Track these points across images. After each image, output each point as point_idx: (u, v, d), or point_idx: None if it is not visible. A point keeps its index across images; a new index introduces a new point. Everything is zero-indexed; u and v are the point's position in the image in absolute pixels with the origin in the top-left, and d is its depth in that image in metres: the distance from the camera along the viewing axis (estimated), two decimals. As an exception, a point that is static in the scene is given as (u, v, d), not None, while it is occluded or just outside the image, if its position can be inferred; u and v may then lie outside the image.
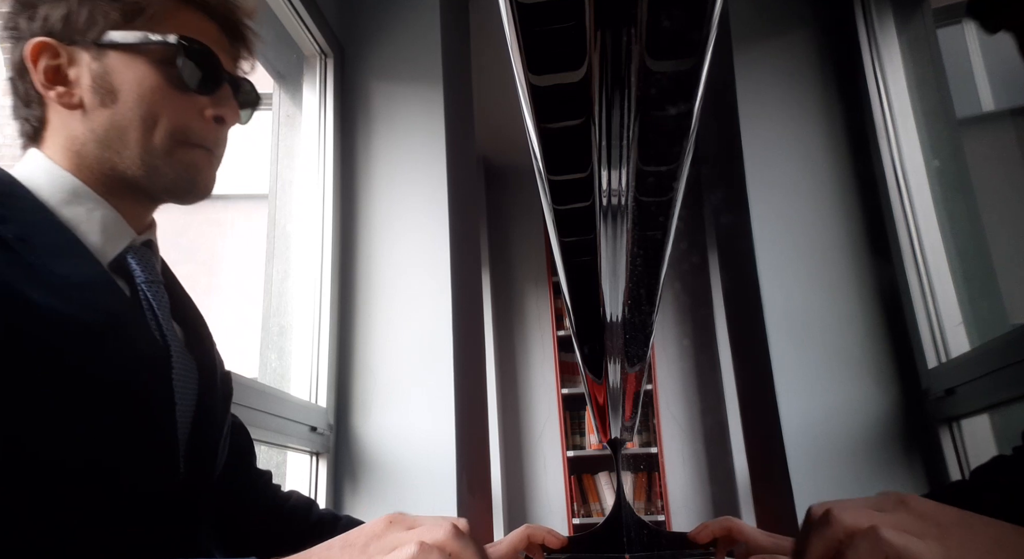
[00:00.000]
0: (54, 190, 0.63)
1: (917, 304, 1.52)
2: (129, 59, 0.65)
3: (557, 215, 0.49)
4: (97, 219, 0.64)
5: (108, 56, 0.65)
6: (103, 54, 0.65)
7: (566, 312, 1.62)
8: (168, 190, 0.68)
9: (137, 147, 0.65)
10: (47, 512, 0.51)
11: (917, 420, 1.50)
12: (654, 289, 0.61)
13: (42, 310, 0.52)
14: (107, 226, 0.64)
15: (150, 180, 0.66)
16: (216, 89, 0.69)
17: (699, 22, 0.33)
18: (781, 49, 1.78)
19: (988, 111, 1.96)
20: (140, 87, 0.65)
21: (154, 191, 0.68)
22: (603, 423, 0.99)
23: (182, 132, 0.67)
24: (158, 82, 0.66)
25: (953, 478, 1.41)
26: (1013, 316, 1.57)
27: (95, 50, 0.65)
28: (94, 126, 0.65)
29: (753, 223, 1.67)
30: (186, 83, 0.67)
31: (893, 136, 1.60)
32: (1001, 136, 1.84)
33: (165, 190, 0.68)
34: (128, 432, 0.57)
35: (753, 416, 1.98)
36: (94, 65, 0.65)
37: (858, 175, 1.68)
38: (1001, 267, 1.60)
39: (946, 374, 1.42)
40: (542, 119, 0.39)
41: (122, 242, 0.65)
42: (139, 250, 0.67)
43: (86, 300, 0.57)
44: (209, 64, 0.68)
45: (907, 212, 1.56)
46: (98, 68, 0.65)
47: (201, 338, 0.73)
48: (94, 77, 0.65)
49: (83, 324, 0.55)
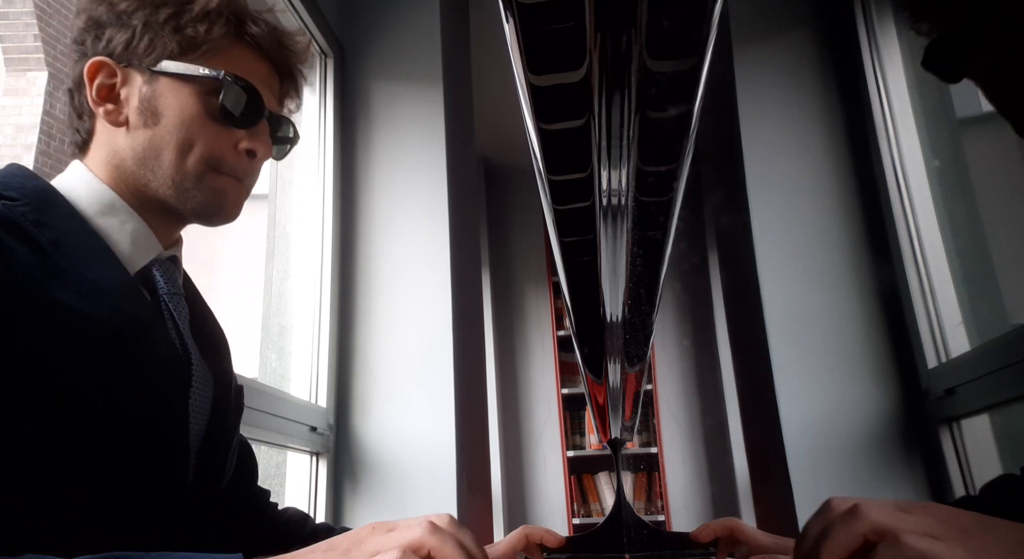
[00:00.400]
0: (92, 201, 0.67)
1: (917, 304, 1.52)
2: (177, 86, 0.70)
3: (557, 215, 0.49)
4: (128, 231, 0.68)
5: (159, 81, 0.70)
6: (155, 79, 0.70)
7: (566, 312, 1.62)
8: (195, 212, 0.72)
9: (170, 168, 0.69)
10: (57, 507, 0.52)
11: (917, 420, 1.50)
12: (654, 289, 0.61)
13: (68, 311, 0.55)
14: (137, 238, 0.68)
15: (179, 200, 0.70)
16: (253, 124, 0.73)
17: (699, 22, 0.33)
18: (781, 49, 1.78)
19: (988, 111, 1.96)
20: (182, 113, 0.69)
21: (182, 211, 0.71)
22: (603, 423, 0.99)
23: (214, 160, 0.71)
24: (199, 111, 0.70)
25: (953, 478, 1.41)
26: (1013, 316, 1.57)
27: (148, 74, 0.70)
28: (134, 144, 0.69)
29: (753, 223, 1.67)
30: (225, 115, 0.71)
31: (893, 136, 1.60)
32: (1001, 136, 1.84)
33: (192, 211, 0.72)
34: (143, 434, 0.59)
35: (753, 416, 1.98)
36: (144, 88, 0.70)
37: (858, 175, 1.68)
38: (1001, 267, 1.60)
39: (946, 374, 1.42)
40: (542, 119, 0.39)
41: (150, 254, 0.69)
42: (164, 264, 0.71)
43: (112, 305, 0.60)
44: (250, 100, 0.72)
45: (907, 212, 1.56)
46: (147, 91, 0.70)
47: (218, 351, 0.76)
48: (142, 99, 0.69)
49: (108, 327, 0.58)
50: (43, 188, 0.65)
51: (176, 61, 0.69)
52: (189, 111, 0.69)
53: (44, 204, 0.62)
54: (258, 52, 0.75)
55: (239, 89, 0.71)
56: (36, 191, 0.63)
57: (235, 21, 0.73)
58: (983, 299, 1.58)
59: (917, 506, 0.41)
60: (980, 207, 1.67)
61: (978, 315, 1.52)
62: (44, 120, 4.65)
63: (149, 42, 0.69)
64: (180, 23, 0.70)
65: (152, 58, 0.69)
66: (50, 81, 4.74)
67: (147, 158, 0.69)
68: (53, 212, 0.63)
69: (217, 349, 0.76)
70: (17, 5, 4.67)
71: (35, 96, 4.74)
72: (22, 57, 4.74)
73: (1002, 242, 1.67)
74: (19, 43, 4.73)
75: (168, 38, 0.69)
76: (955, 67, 0.66)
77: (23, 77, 4.77)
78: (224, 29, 0.71)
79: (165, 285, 0.70)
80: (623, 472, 1.79)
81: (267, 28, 0.75)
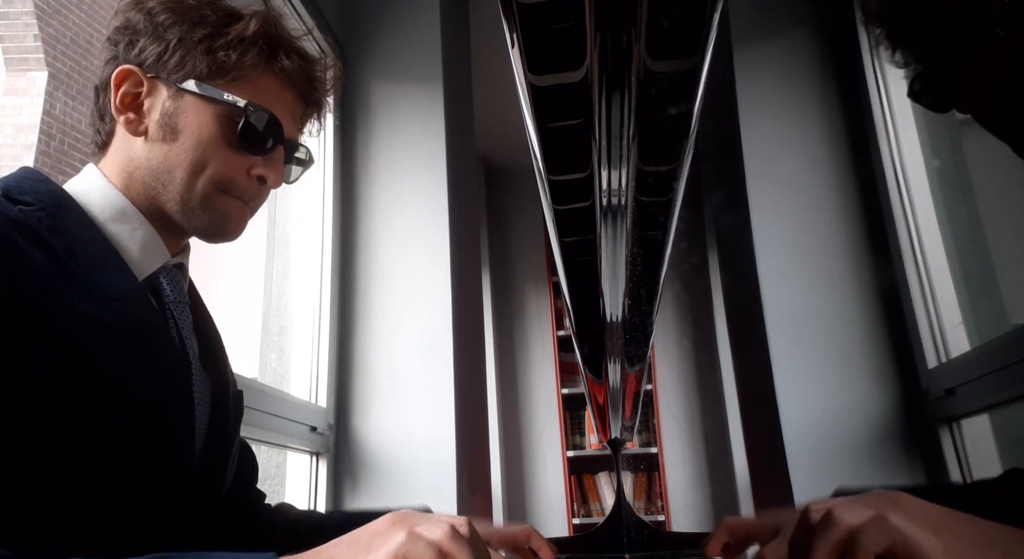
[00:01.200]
0: (104, 206, 0.68)
1: (917, 304, 1.51)
2: (200, 106, 0.71)
3: (557, 215, 0.49)
4: (139, 238, 0.69)
5: (183, 98, 0.71)
6: (179, 95, 0.71)
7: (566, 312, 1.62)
8: (198, 229, 0.73)
9: (180, 186, 0.70)
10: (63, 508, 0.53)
11: (917, 420, 1.50)
12: (654, 289, 0.61)
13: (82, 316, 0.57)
14: (146, 245, 0.70)
15: (183, 218, 0.71)
16: (268, 152, 0.74)
17: (699, 22, 0.33)
18: (781, 49, 1.77)
19: (988, 111, 1.96)
20: (200, 134, 0.70)
21: (186, 227, 0.73)
22: (603, 423, 0.99)
23: (224, 183, 0.72)
24: (217, 134, 0.71)
25: (953, 478, 1.41)
26: (1013, 316, 1.56)
27: (174, 90, 0.71)
28: (150, 156, 0.70)
29: (753, 223, 1.67)
30: (242, 143, 0.72)
31: (893, 136, 1.60)
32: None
33: (196, 228, 0.73)
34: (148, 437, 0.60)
35: (753, 416, 1.98)
36: (168, 103, 0.71)
37: (858, 175, 1.67)
38: (1001, 267, 1.60)
39: (946, 374, 1.42)
40: (542, 119, 0.39)
41: (158, 261, 0.70)
42: (170, 271, 0.72)
43: (121, 311, 0.62)
44: (269, 129, 0.73)
45: (907, 212, 1.56)
46: (170, 107, 0.71)
47: (216, 356, 0.77)
48: (164, 113, 0.70)
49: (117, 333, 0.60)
50: (57, 193, 0.66)
51: (204, 82, 0.70)
52: (208, 132, 0.70)
53: (58, 209, 0.63)
54: (287, 81, 0.75)
55: (260, 118, 0.72)
56: (50, 196, 0.64)
57: (268, 52, 0.73)
58: (983, 299, 1.58)
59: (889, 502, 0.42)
60: (980, 207, 1.66)
61: (978, 315, 1.52)
62: (44, 120, 4.64)
63: (180, 59, 0.70)
64: (214, 46, 0.70)
65: (180, 75, 0.70)
66: (50, 81, 4.74)
67: (160, 172, 0.70)
68: (67, 217, 0.64)
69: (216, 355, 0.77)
70: (17, 5, 4.67)
71: (35, 96, 4.74)
72: (22, 57, 4.74)
73: (1002, 242, 1.67)
74: (19, 43, 4.73)
75: (200, 58, 0.70)
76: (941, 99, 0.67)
77: (23, 77, 4.76)
78: (256, 59, 0.72)
79: (171, 293, 0.71)
80: (623, 472, 1.79)
81: (298, 62, 0.76)
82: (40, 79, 4.76)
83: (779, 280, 1.63)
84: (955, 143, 1.70)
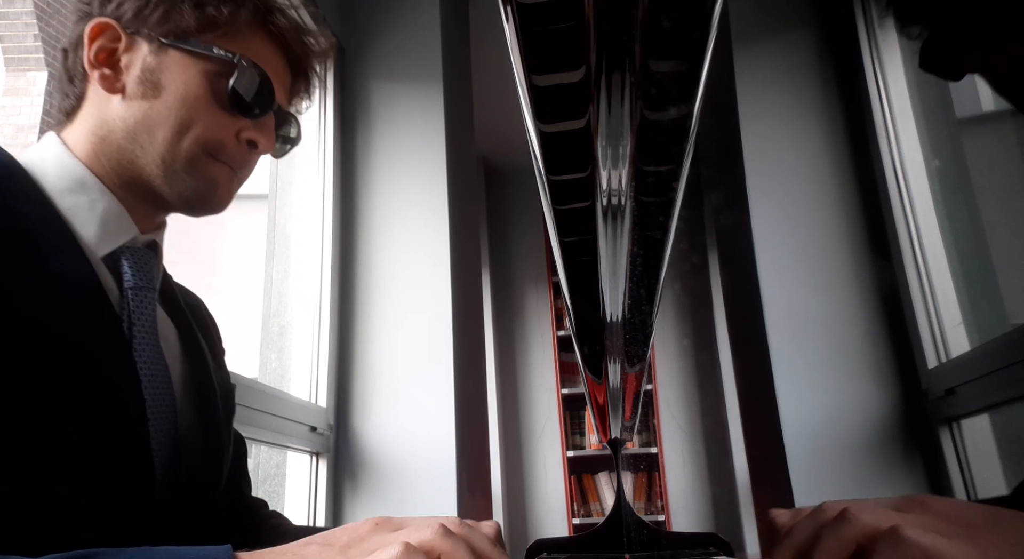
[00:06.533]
0: (60, 177, 0.61)
1: (917, 304, 1.52)
2: (186, 61, 0.65)
3: (557, 215, 0.49)
4: (98, 211, 0.61)
5: (167, 53, 0.65)
6: (163, 51, 0.65)
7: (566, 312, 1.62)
8: (182, 197, 0.66)
9: (162, 146, 0.64)
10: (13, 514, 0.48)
11: (917, 420, 1.50)
12: (654, 289, 0.61)
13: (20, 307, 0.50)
14: (107, 220, 0.62)
15: (166, 183, 0.65)
16: (259, 115, 0.69)
17: (699, 22, 0.33)
18: (781, 49, 1.78)
19: (988, 111, 1.96)
20: (186, 90, 0.64)
21: (167, 195, 0.66)
22: (603, 423, 0.99)
23: (212, 145, 0.66)
24: (205, 91, 0.65)
25: (953, 478, 1.41)
26: (1013, 316, 1.57)
27: (156, 45, 0.65)
28: (127, 115, 0.64)
29: (753, 223, 1.67)
30: (233, 101, 0.66)
31: (893, 136, 1.60)
32: (1001, 136, 1.84)
33: (179, 196, 0.66)
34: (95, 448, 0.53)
35: (753, 416, 1.98)
36: (149, 58, 0.65)
37: (858, 175, 1.68)
38: (1001, 267, 1.60)
39: (946, 374, 1.42)
40: (542, 119, 0.39)
41: (121, 238, 0.63)
42: (137, 251, 0.64)
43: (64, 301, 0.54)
44: (262, 89, 0.68)
45: (907, 212, 1.56)
46: (152, 62, 0.64)
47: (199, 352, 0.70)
48: (145, 68, 0.64)
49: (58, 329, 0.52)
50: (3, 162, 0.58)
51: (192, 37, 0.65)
52: (195, 90, 0.64)
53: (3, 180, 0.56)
54: (278, 44, 0.71)
55: (253, 76, 0.66)
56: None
57: (263, 9, 0.69)
58: (983, 299, 1.58)
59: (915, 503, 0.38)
60: (980, 207, 1.67)
61: (978, 315, 1.52)
62: (44, 120, 4.65)
63: (164, 13, 0.64)
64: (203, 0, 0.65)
65: (164, 29, 0.65)
66: (50, 81, 4.74)
67: (138, 132, 0.64)
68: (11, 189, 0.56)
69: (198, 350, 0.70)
70: (17, 5, 4.67)
71: (35, 96, 4.75)
72: (22, 57, 4.75)
73: (1002, 242, 1.67)
74: (19, 43, 4.73)
75: (187, 13, 0.64)
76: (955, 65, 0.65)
77: (23, 77, 4.77)
78: (250, 14, 0.67)
79: (132, 277, 0.62)
80: (623, 472, 1.79)
81: (292, 23, 0.72)
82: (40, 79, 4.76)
83: (779, 280, 1.63)
84: (955, 143, 1.70)
